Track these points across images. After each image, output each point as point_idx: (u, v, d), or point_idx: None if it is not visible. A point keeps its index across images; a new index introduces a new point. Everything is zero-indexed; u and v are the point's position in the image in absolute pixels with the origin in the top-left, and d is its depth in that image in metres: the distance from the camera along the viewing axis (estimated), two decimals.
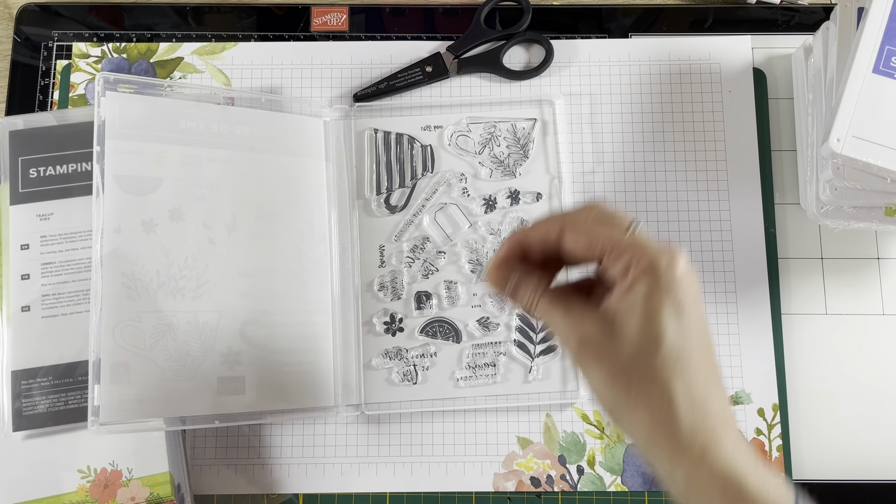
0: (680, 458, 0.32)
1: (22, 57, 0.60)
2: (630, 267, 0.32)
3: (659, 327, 0.32)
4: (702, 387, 0.32)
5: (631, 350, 0.32)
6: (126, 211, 0.48)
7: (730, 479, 0.31)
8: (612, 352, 0.32)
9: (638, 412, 0.32)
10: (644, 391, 0.32)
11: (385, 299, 0.55)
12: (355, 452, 0.53)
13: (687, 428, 0.31)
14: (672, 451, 0.32)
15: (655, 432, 0.32)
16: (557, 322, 0.35)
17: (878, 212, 0.51)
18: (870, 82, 0.46)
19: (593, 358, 0.33)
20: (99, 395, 0.46)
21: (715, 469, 0.31)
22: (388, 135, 0.57)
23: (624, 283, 0.32)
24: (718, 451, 0.31)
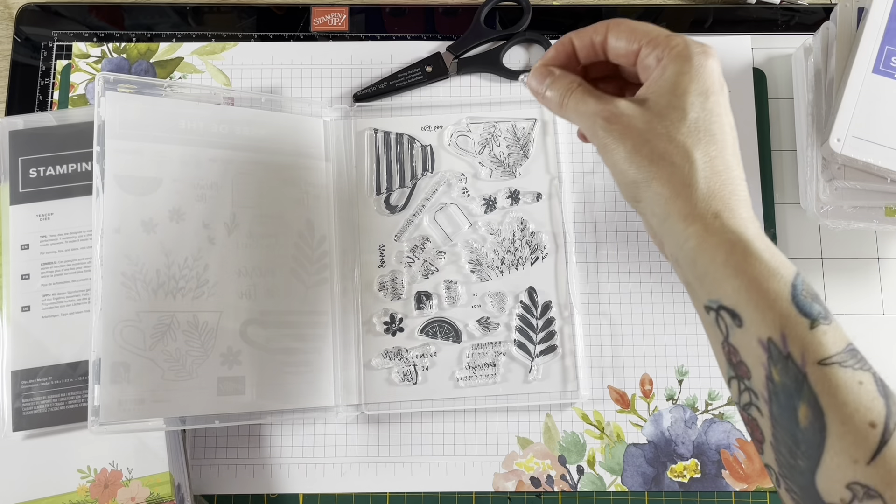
0: (693, 222, 0.34)
1: (22, 57, 0.60)
2: (664, 55, 0.36)
3: (685, 102, 0.35)
4: (721, 161, 0.35)
5: (658, 121, 0.35)
6: (126, 211, 0.48)
7: (738, 240, 0.33)
8: (639, 124, 0.35)
9: (656, 183, 0.35)
10: (667, 158, 0.35)
11: (385, 299, 0.55)
12: (355, 452, 0.53)
13: (703, 192, 0.34)
14: (686, 215, 0.34)
15: (672, 200, 0.35)
16: (590, 106, 0.37)
17: (878, 212, 0.51)
18: (870, 82, 0.46)
19: (620, 133, 0.36)
20: (99, 395, 0.46)
21: (725, 230, 0.34)
22: (388, 135, 0.57)
23: (658, 68, 0.36)
24: (731, 215, 0.34)
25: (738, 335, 0.34)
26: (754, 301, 0.33)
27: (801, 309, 0.32)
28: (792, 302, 0.32)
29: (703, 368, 0.54)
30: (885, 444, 0.30)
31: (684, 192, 0.35)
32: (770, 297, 0.33)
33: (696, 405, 0.54)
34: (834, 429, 0.31)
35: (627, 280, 0.55)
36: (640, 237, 0.56)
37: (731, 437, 0.53)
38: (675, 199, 0.35)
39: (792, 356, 0.32)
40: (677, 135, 0.35)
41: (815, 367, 0.31)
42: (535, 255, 0.55)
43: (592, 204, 0.57)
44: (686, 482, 0.52)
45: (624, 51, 0.38)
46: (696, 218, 0.34)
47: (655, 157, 0.35)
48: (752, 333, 0.33)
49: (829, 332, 0.32)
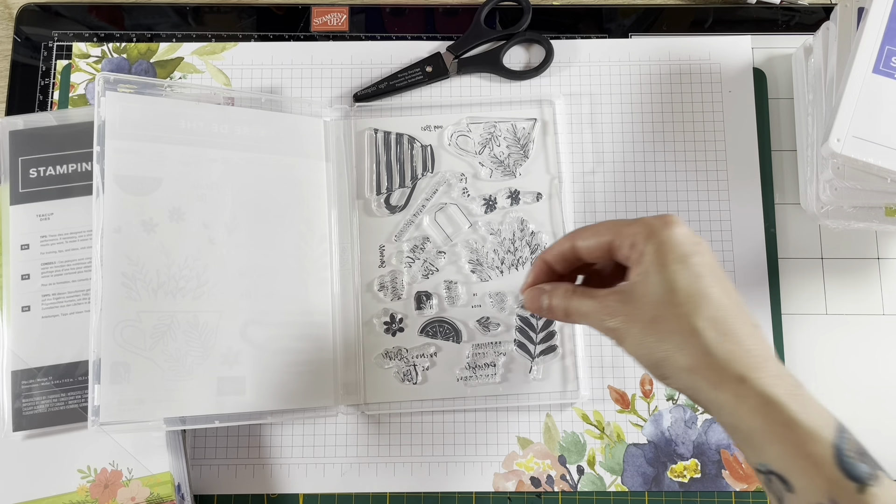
0: (723, 391, 0.34)
1: (22, 57, 0.60)
2: (636, 242, 0.37)
3: (671, 277, 0.35)
4: (725, 321, 0.35)
5: (654, 303, 0.36)
6: (126, 211, 0.48)
7: (770, 402, 0.33)
8: (638, 312, 0.36)
9: (674, 356, 0.35)
10: (675, 333, 0.35)
11: (385, 299, 0.55)
12: (355, 452, 0.53)
13: (722, 359, 0.34)
14: (714, 384, 0.34)
15: (695, 371, 0.35)
16: (590, 309, 0.39)
17: (878, 212, 0.51)
18: (870, 82, 0.46)
19: (625, 321, 0.37)
20: (99, 394, 0.46)
21: (754, 395, 0.33)
22: (388, 135, 0.57)
23: (635, 256, 0.37)
24: (758, 376, 0.34)
25: (792, 500, 0.33)
26: (800, 467, 0.33)
27: (847, 472, 0.32)
28: (837, 466, 0.32)
29: None
30: None
31: (704, 361, 0.35)
32: (815, 462, 0.32)
33: (697, 406, 0.54)
34: None
35: None
36: None
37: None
38: (697, 369, 0.35)
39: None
40: (675, 308, 0.35)
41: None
42: (535, 255, 0.55)
43: (593, 204, 0.57)
44: (686, 482, 0.52)
45: (597, 247, 0.39)
46: (723, 386, 0.34)
47: (665, 334, 0.35)
48: (804, 499, 0.33)
49: (879, 493, 0.32)
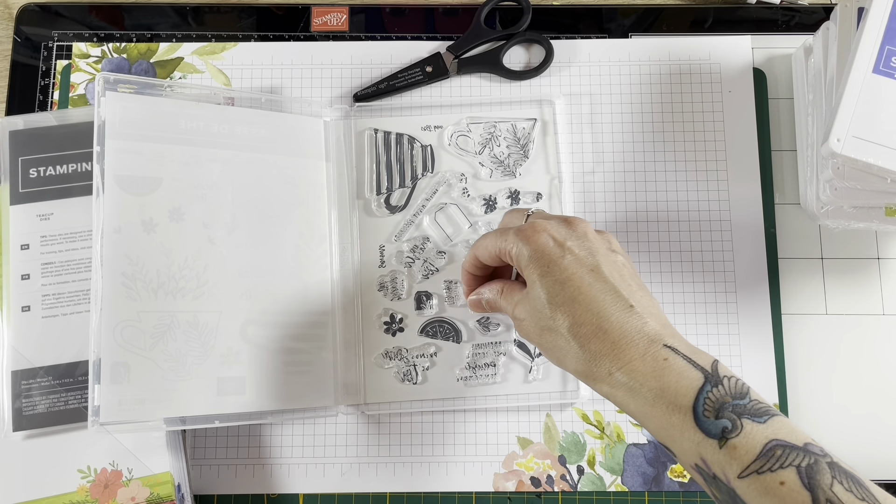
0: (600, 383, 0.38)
1: (22, 57, 0.60)
2: (512, 255, 0.41)
3: (539, 292, 0.39)
4: (592, 321, 0.37)
5: (538, 316, 0.39)
6: (126, 211, 0.48)
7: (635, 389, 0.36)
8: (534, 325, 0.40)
9: (564, 362, 0.39)
10: (557, 346, 0.39)
11: (385, 299, 0.55)
12: (355, 452, 0.53)
13: (593, 358, 0.37)
14: (594, 380, 0.38)
15: (579, 373, 0.39)
16: (505, 306, 0.44)
17: (878, 212, 0.51)
18: (870, 82, 0.46)
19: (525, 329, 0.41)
20: (99, 394, 0.46)
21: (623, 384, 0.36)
22: (388, 135, 0.57)
23: (518, 267, 0.41)
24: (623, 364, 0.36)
25: (680, 463, 0.36)
26: (671, 437, 0.35)
27: (706, 431, 0.34)
28: (697, 428, 0.34)
29: None
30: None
31: (582, 367, 0.38)
32: (680, 429, 0.35)
33: None
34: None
35: None
36: (639, 237, 0.56)
37: None
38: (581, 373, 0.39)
39: (717, 477, 0.34)
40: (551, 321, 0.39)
41: (738, 481, 0.33)
42: None
43: (592, 204, 0.57)
44: (686, 482, 0.52)
45: (490, 258, 0.43)
46: (600, 382, 0.38)
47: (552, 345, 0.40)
48: (684, 463, 0.36)
49: (738, 443, 0.33)
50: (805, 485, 0.31)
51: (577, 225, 0.41)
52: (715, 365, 0.36)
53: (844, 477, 0.32)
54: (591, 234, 0.41)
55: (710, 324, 0.55)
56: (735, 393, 0.35)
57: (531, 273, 0.40)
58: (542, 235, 0.40)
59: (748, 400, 0.34)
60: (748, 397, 0.35)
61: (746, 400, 0.34)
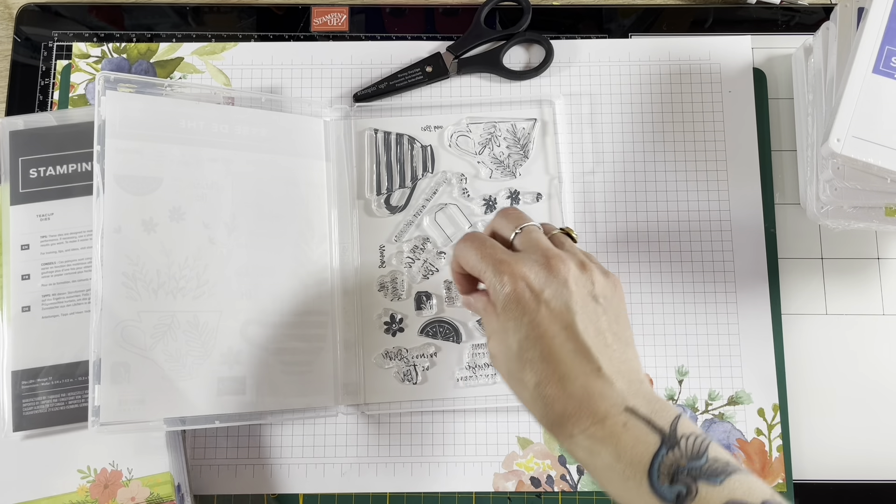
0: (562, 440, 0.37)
1: (22, 57, 0.60)
2: (490, 292, 0.39)
3: (509, 343, 0.38)
4: (552, 382, 0.37)
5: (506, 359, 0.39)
6: (126, 211, 0.48)
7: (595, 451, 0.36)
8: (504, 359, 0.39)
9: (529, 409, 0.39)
10: (522, 397, 0.39)
11: (385, 299, 0.55)
12: (355, 452, 0.53)
13: (554, 419, 0.37)
14: (555, 435, 0.37)
15: (542, 424, 0.38)
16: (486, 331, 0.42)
17: (878, 212, 0.51)
18: (870, 82, 0.46)
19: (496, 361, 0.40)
20: (99, 395, 0.46)
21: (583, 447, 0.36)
22: (388, 135, 0.57)
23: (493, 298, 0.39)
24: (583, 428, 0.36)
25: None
26: (629, 501, 0.35)
27: (662, 497, 0.33)
28: (653, 493, 0.34)
29: (703, 368, 0.54)
30: None
31: (544, 420, 0.38)
32: (637, 493, 0.34)
33: (697, 405, 0.54)
34: None
35: (627, 279, 0.55)
36: (639, 237, 0.56)
37: (731, 438, 0.53)
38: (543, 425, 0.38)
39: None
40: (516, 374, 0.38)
41: None
42: None
43: (592, 204, 0.57)
44: None
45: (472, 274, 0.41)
46: (562, 440, 0.37)
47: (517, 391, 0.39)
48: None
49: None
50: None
51: (559, 269, 0.39)
52: (675, 423, 0.35)
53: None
54: (571, 279, 0.39)
55: (710, 324, 0.55)
56: (692, 454, 0.34)
57: (505, 319, 0.39)
58: (519, 284, 0.38)
59: (705, 460, 0.34)
60: (705, 457, 0.34)
61: (703, 460, 0.34)
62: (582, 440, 0.36)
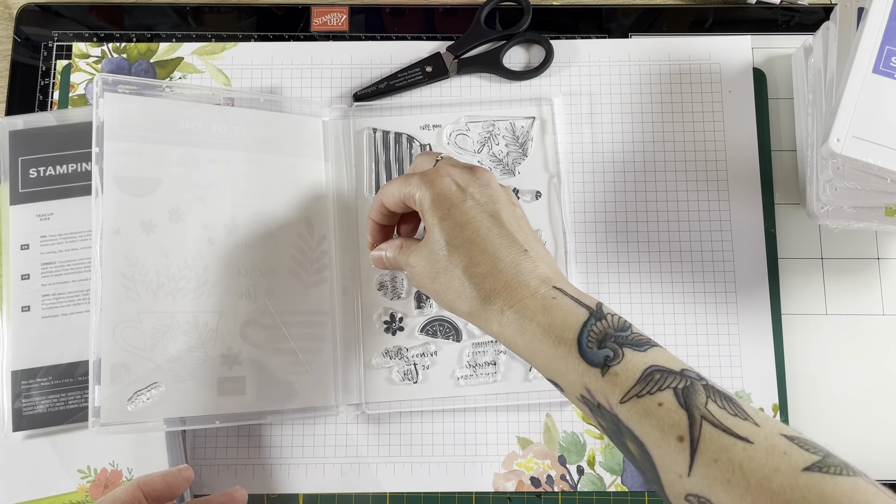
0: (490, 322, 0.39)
1: (22, 57, 0.60)
2: (415, 199, 0.42)
3: (438, 234, 0.41)
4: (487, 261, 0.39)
5: (434, 258, 0.41)
6: (125, 212, 0.48)
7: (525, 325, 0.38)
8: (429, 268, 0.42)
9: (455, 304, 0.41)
10: (451, 287, 0.40)
11: (385, 298, 0.55)
12: (355, 452, 0.53)
13: (486, 297, 0.39)
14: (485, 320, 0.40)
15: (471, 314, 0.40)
16: (407, 261, 0.44)
17: (878, 212, 0.51)
18: (870, 82, 0.46)
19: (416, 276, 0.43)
20: (99, 395, 0.46)
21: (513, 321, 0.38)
22: (386, 134, 0.57)
23: (419, 210, 0.43)
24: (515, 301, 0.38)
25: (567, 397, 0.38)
26: (557, 371, 0.37)
27: (589, 361, 0.36)
28: (581, 358, 0.36)
29: (703, 368, 0.54)
30: (695, 452, 0.32)
31: (475, 307, 0.40)
32: (566, 362, 0.36)
33: None
34: (655, 453, 0.33)
35: (627, 280, 0.55)
36: (639, 237, 0.56)
37: None
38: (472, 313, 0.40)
39: (601, 405, 0.35)
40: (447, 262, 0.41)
41: (620, 407, 0.34)
42: None
43: (592, 204, 0.57)
44: None
45: (395, 203, 0.45)
46: (491, 321, 0.39)
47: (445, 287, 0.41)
48: (571, 395, 0.37)
49: (619, 370, 0.35)
50: (681, 404, 0.33)
51: (482, 174, 0.43)
52: (599, 304, 0.38)
53: (718, 396, 0.33)
54: (493, 183, 0.43)
55: (710, 324, 0.55)
56: (617, 326, 0.37)
57: (432, 217, 0.41)
58: (445, 180, 0.42)
59: (629, 332, 0.36)
60: (629, 330, 0.37)
61: (628, 332, 0.36)
62: (511, 314, 0.38)
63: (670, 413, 0.33)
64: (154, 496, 0.42)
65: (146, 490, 0.42)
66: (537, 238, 0.43)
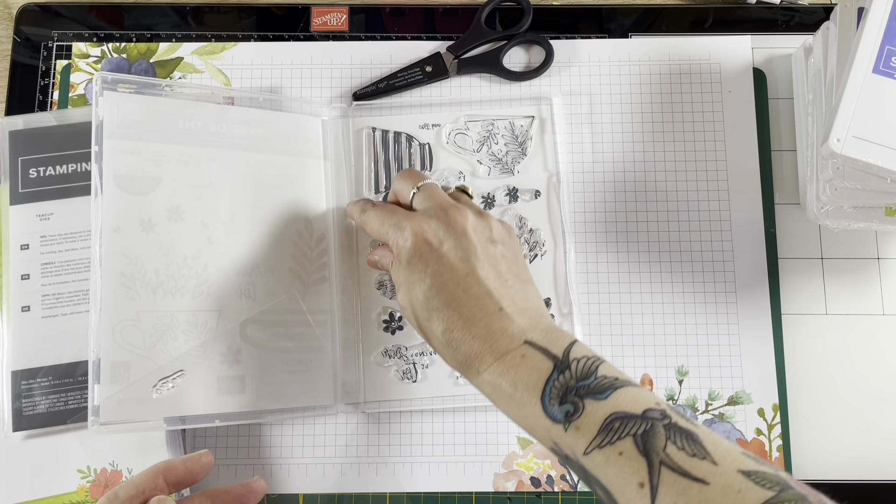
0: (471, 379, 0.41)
1: (22, 57, 0.60)
2: (393, 249, 0.44)
3: (416, 293, 0.42)
4: (460, 327, 0.40)
5: (411, 312, 0.43)
6: (124, 210, 0.48)
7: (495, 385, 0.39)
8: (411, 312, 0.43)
9: (439, 354, 0.42)
10: (429, 337, 0.42)
11: (384, 298, 0.55)
12: (355, 452, 0.53)
13: (461, 359, 0.40)
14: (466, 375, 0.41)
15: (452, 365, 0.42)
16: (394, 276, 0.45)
17: (878, 212, 0.51)
18: (870, 82, 0.46)
19: (404, 310, 0.44)
20: (99, 394, 0.46)
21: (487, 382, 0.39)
22: (386, 133, 0.57)
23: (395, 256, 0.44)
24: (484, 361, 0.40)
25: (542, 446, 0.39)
26: (529, 427, 0.38)
27: (552, 418, 0.36)
28: (545, 415, 0.37)
29: (703, 368, 0.54)
30: (655, 497, 0.33)
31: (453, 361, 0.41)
32: (534, 419, 0.37)
33: (697, 405, 0.54)
34: (620, 499, 0.34)
35: (627, 280, 0.55)
36: (639, 236, 0.56)
37: (731, 437, 0.53)
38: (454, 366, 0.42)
39: (568, 456, 0.36)
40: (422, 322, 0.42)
41: (584, 458, 0.35)
42: (533, 253, 0.55)
43: (592, 203, 0.57)
44: None
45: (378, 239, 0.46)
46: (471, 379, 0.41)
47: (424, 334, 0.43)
48: (544, 446, 0.38)
49: (581, 424, 0.35)
50: (641, 451, 0.34)
51: (457, 220, 0.42)
52: (569, 348, 0.38)
53: (679, 436, 0.34)
54: (469, 228, 0.43)
55: (710, 324, 0.55)
56: (581, 374, 0.37)
57: (409, 273, 0.42)
58: (419, 239, 0.42)
59: (593, 379, 0.37)
60: (593, 376, 0.37)
61: (591, 379, 0.37)
62: (487, 376, 0.39)
63: (630, 461, 0.34)
64: (175, 482, 0.42)
65: (168, 476, 0.42)
66: (519, 276, 0.43)
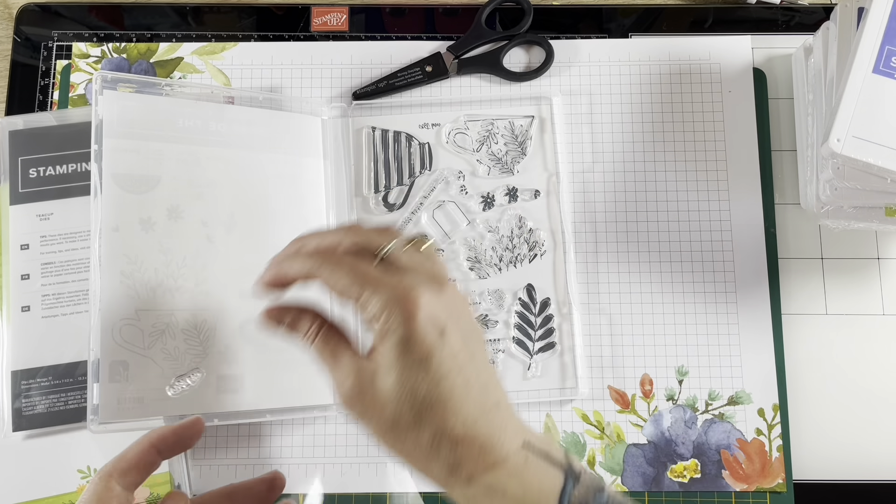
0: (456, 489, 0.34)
1: (22, 57, 0.60)
2: (380, 317, 0.32)
3: (410, 383, 0.32)
4: (461, 423, 0.33)
5: (393, 406, 0.33)
6: (124, 209, 0.48)
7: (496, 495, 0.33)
8: (376, 409, 0.33)
9: (410, 455, 0.34)
10: (412, 438, 0.33)
11: None
12: (355, 452, 0.53)
13: (453, 464, 0.33)
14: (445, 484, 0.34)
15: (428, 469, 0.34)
16: (327, 371, 0.35)
17: (878, 212, 0.51)
18: (870, 82, 0.46)
19: (360, 415, 0.34)
20: (98, 393, 0.46)
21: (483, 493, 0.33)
22: (385, 133, 0.57)
23: (378, 332, 0.33)
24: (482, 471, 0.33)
25: None
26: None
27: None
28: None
29: (703, 368, 0.54)
30: None
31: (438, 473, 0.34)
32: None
33: (697, 405, 0.54)
34: None
35: (627, 279, 0.55)
36: (639, 236, 0.56)
37: (731, 438, 0.53)
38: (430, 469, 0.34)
39: None
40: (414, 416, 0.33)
41: None
42: (533, 253, 0.55)
43: (592, 203, 0.56)
44: (686, 482, 0.52)
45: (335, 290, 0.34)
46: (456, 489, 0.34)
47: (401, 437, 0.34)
48: None
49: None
50: None
51: (448, 292, 0.34)
52: (568, 458, 0.35)
53: None
54: (465, 308, 0.35)
55: (710, 324, 0.55)
56: (595, 488, 0.34)
57: (400, 361, 0.32)
58: (423, 319, 0.32)
59: (606, 497, 0.34)
60: (605, 492, 0.34)
61: (605, 496, 0.34)
62: (487, 478, 0.33)
63: None
64: (167, 450, 0.42)
65: (160, 446, 0.41)
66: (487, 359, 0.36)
